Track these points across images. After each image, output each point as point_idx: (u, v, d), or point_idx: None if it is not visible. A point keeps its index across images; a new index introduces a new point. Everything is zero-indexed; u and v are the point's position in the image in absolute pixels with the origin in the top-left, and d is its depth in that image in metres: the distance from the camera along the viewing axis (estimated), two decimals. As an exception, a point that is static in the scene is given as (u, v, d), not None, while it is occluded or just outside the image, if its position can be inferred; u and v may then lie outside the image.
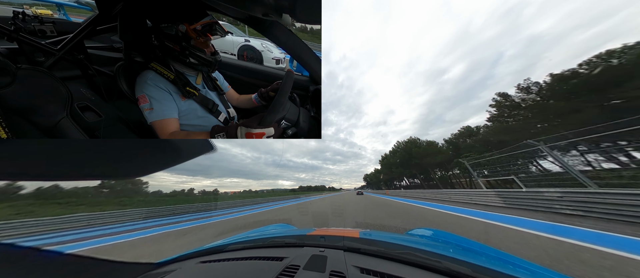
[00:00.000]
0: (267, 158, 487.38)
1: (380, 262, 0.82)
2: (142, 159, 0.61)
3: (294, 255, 0.89)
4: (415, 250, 0.89)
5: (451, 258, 0.79)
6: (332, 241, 1.08)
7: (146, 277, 0.88)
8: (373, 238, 1.09)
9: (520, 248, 3.39)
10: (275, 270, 0.75)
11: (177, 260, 1.09)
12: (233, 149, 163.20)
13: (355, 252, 0.92)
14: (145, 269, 0.95)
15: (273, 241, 1.21)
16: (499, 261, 1.06)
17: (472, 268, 0.72)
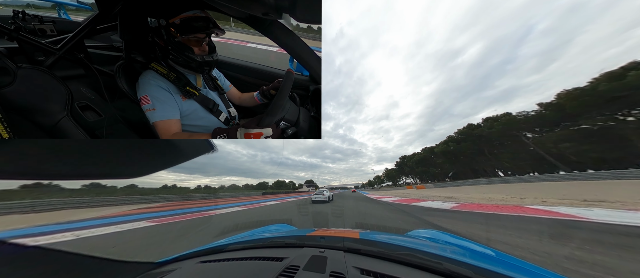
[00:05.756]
0: (264, 156, 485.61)
1: (380, 263, 0.82)
2: (142, 159, 0.61)
3: (294, 256, 0.89)
4: (416, 251, 0.89)
5: (452, 260, 0.79)
6: (332, 241, 1.08)
7: (146, 276, 0.88)
8: (373, 239, 1.09)
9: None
10: (275, 271, 0.75)
11: (177, 259, 1.09)
12: (227, 146, 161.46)
13: (356, 252, 0.92)
14: (145, 268, 0.95)
15: (273, 242, 1.21)
16: (500, 262, 1.06)
17: (473, 269, 0.72)
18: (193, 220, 8.59)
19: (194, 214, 10.58)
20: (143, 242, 5.03)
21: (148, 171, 0.63)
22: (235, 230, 5.97)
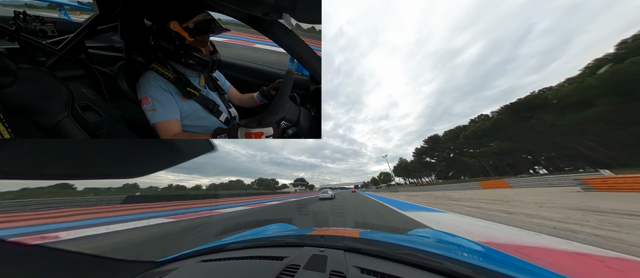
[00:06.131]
0: (263, 156, 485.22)
1: (380, 262, 0.82)
2: (143, 159, 0.61)
3: (294, 255, 0.89)
4: (416, 250, 0.89)
5: (452, 259, 0.79)
6: (333, 241, 1.08)
7: (147, 275, 0.88)
8: (373, 238, 1.09)
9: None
10: (275, 270, 0.76)
11: (178, 258, 1.10)
12: (226, 145, 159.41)
13: (356, 252, 0.92)
14: (146, 267, 0.96)
15: (273, 241, 1.22)
16: (500, 262, 1.06)
17: (473, 269, 0.72)
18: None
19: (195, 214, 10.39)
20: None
21: (148, 171, 0.63)
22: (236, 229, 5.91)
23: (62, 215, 12.01)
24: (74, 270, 0.71)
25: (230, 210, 12.59)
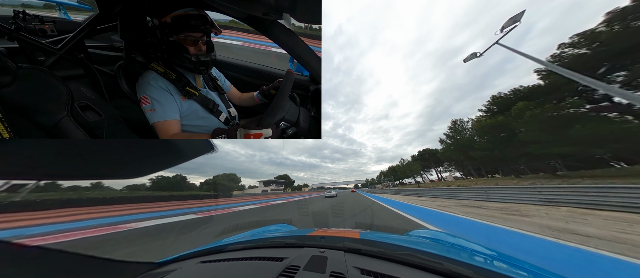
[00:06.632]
0: (262, 156, 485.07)
1: (380, 263, 0.82)
2: (142, 159, 0.61)
3: (294, 256, 0.89)
4: (416, 251, 0.89)
5: (452, 260, 0.79)
6: (333, 241, 1.08)
7: (147, 276, 0.88)
8: (373, 239, 1.09)
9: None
10: (275, 271, 0.75)
11: (177, 259, 1.09)
12: (225, 145, 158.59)
13: (356, 252, 0.92)
14: (146, 268, 0.95)
15: (273, 242, 1.21)
16: (500, 262, 1.06)
17: (473, 269, 0.72)
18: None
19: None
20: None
21: (148, 171, 0.63)
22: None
23: (66, 214, 12.02)
24: (74, 271, 0.71)
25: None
